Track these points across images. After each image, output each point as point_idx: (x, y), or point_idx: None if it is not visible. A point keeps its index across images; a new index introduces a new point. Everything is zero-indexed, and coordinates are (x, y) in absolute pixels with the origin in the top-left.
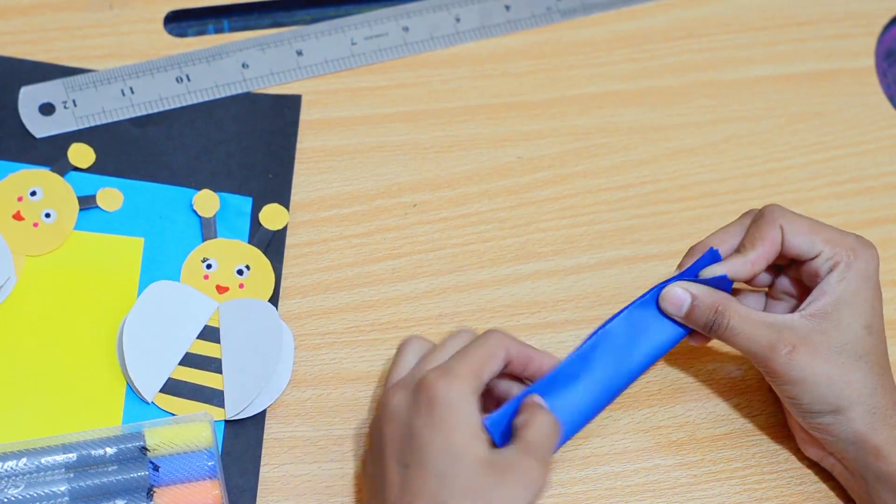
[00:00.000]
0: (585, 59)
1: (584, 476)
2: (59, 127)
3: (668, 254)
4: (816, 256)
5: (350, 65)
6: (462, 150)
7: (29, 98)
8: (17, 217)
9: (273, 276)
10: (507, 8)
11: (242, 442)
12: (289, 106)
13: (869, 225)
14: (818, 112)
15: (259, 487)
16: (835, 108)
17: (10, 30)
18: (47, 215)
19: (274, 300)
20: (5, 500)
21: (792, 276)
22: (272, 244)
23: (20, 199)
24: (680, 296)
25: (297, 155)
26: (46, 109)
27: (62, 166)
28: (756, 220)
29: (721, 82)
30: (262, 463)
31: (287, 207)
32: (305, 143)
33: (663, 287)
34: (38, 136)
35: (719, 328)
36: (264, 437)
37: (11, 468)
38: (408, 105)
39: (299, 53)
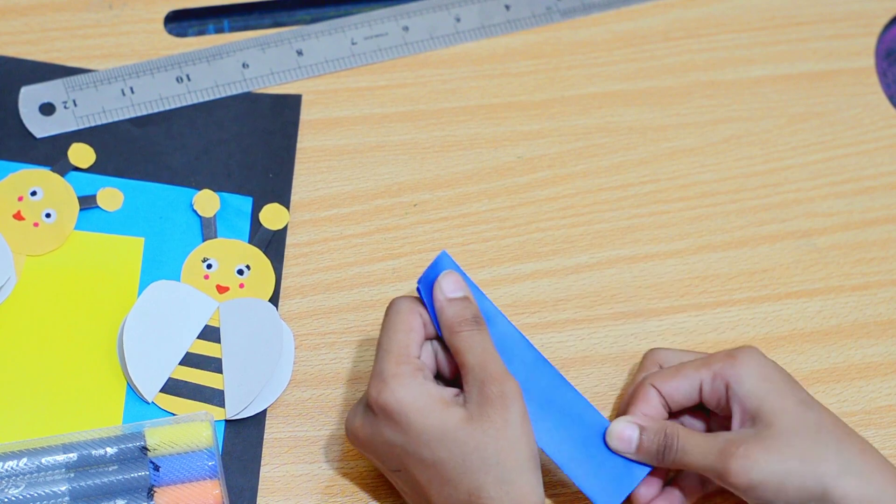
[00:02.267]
0: (585, 59)
1: None
2: (59, 127)
3: (667, 253)
4: (701, 386)
5: (350, 65)
6: (462, 150)
7: (29, 98)
8: (18, 217)
9: (273, 275)
10: (507, 8)
11: (243, 442)
12: (289, 106)
13: (869, 225)
14: (818, 112)
15: (259, 487)
16: (835, 108)
17: (10, 30)
18: (47, 215)
19: (274, 300)
20: (5, 500)
21: (703, 420)
22: (272, 244)
23: (20, 198)
24: (627, 431)
25: (297, 155)
26: (46, 109)
27: (62, 166)
28: (634, 389)
29: (721, 82)
30: (262, 463)
31: (287, 207)
32: (305, 143)
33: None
34: (38, 136)
35: (670, 451)
36: (264, 437)
37: (11, 468)
38: (408, 105)
39: (299, 53)
